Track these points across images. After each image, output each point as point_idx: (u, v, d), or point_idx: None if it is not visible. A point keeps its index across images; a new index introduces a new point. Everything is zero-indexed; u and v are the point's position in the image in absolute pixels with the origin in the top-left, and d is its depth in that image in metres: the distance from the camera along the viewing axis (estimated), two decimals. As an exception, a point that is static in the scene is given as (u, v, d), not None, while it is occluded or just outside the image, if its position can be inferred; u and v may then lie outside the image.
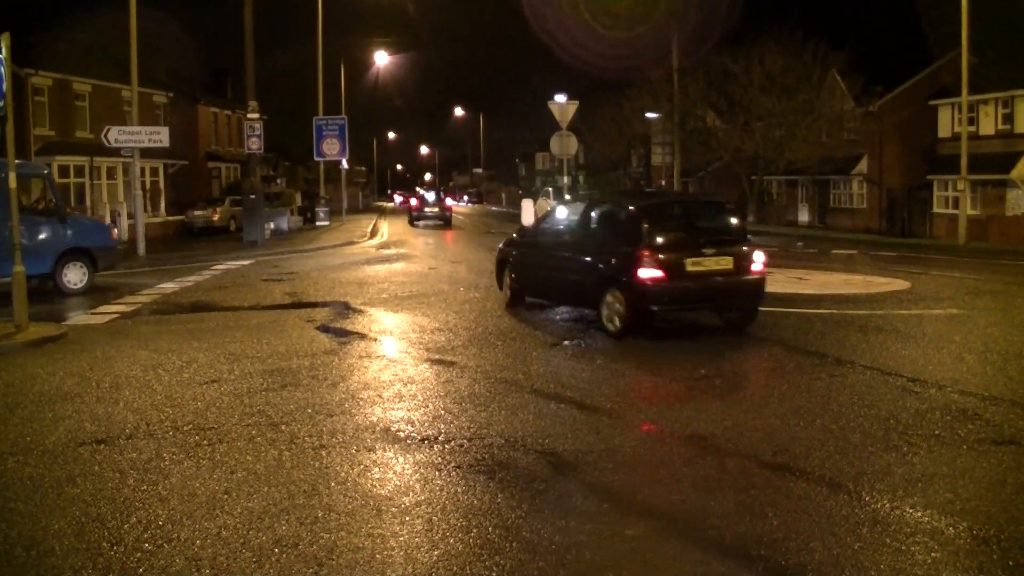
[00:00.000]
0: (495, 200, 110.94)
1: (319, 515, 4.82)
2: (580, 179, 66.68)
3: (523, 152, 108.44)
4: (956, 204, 33.33)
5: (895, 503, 4.93)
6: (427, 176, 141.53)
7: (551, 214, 13.56)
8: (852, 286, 15.86)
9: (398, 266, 20.48)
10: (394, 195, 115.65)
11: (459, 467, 5.62)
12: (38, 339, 10.40)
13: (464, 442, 6.15)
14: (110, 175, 34.24)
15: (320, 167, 46.37)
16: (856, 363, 8.79)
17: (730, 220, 11.42)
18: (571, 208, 12.78)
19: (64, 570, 4.19)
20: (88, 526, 4.70)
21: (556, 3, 50.60)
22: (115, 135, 23.58)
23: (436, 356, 9.37)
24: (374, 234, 34.94)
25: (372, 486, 5.32)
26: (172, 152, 33.05)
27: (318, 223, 41.01)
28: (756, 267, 10.62)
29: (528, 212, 25.99)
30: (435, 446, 6.08)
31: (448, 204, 46.08)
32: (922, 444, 6.06)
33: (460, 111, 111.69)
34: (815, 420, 6.70)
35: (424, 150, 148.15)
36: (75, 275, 15.50)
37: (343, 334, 10.86)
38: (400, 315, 12.42)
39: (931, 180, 37.63)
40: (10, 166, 10.92)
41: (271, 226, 31.96)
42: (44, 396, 7.72)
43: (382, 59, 59.14)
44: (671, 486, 5.33)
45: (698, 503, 5.02)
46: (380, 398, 7.54)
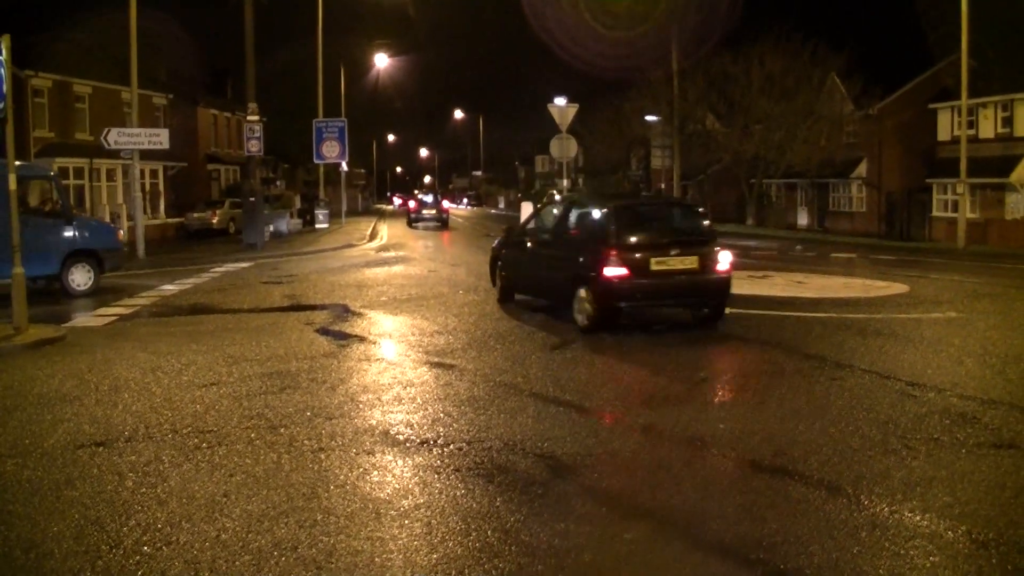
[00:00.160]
0: (492, 203, 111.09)
1: (318, 518, 4.82)
2: (580, 182, 66.71)
3: (522, 155, 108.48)
4: (955, 207, 33.34)
5: (894, 507, 4.93)
6: (427, 179, 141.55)
7: (537, 214, 14.03)
8: (851, 290, 15.87)
9: (397, 269, 20.49)
10: (393, 198, 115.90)
11: (458, 470, 5.62)
12: (37, 341, 10.41)
13: (463, 445, 6.15)
14: (110, 177, 34.25)
15: (320, 169, 46.38)
16: (855, 367, 8.80)
17: (698, 222, 11.95)
18: (556, 209, 13.29)
19: (63, 573, 4.19)
20: (87, 529, 4.70)
21: (556, 2, 50.59)
22: (115, 137, 23.58)
23: (435, 359, 9.37)
24: (373, 237, 34.95)
25: (371, 489, 5.32)
26: (171, 154, 33.05)
27: (317, 225, 41.03)
28: (722, 267, 11.07)
29: (528, 215, 26.00)
30: (434, 449, 6.08)
31: (445, 207, 47.76)
32: (921, 448, 6.06)
33: (460, 113, 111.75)
34: (814, 423, 6.70)
35: (424, 152, 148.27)
36: (81, 276, 15.55)
37: (342, 337, 10.86)
38: (399, 318, 12.43)
39: (930, 183, 37.65)
40: (10, 167, 10.91)
41: (270, 228, 31.97)
42: (43, 398, 7.72)
43: (382, 61, 59.15)
44: (670, 489, 5.34)
45: (697, 506, 5.03)
46: (379, 401, 7.54)
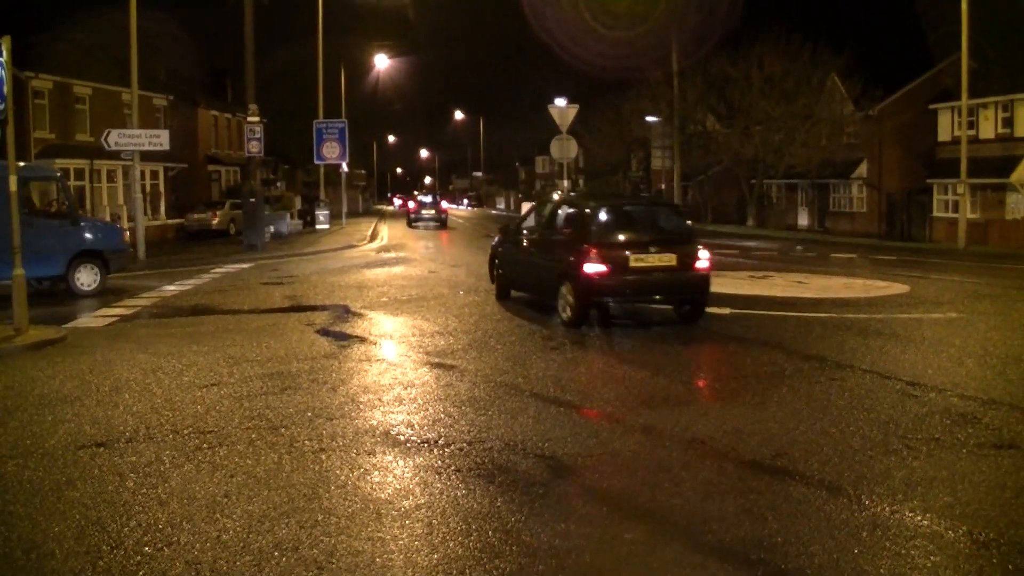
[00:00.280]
0: (493, 204, 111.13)
1: (319, 519, 4.82)
2: (580, 183, 66.74)
3: (523, 156, 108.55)
4: (956, 208, 33.34)
5: (895, 507, 4.94)
6: (427, 179, 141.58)
7: (530, 214, 14.43)
8: (852, 290, 15.88)
9: (398, 270, 20.49)
10: (393, 199, 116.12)
11: (459, 471, 5.62)
12: (38, 342, 10.41)
13: (464, 446, 6.15)
14: (110, 178, 34.26)
15: (320, 170, 46.42)
16: (856, 367, 8.80)
17: (677, 222, 12.52)
18: (547, 209, 13.81)
19: (64, 573, 4.19)
20: (88, 529, 4.70)
21: (556, 3, 50.62)
22: (115, 138, 23.57)
23: (436, 360, 9.37)
24: (374, 238, 34.95)
25: (372, 490, 5.32)
26: (172, 155, 33.05)
27: (318, 226, 41.05)
28: (700, 264, 11.48)
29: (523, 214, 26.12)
30: (435, 450, 6.08)
31: (443, 207, 49.31)
32: (922, 448, 6.06)
33: (460, 114, 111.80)
34: (815, 424, 6.70)
35: (424, 153, 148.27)
36: (87, 277, 15.63)
37: (343, 338, 10.86)
38: (400, 318, 12.43)
39: (931, 184, 37.64)
40: (11, 169, 10.91)
41: (271, 229, 31.97)
42: (44, 399, 7.72)
43: (382, 62, 59.24)
44: (670, 490, 5.33)
45: (698, 506, 5.03)
46: (380, 402, 7.54)
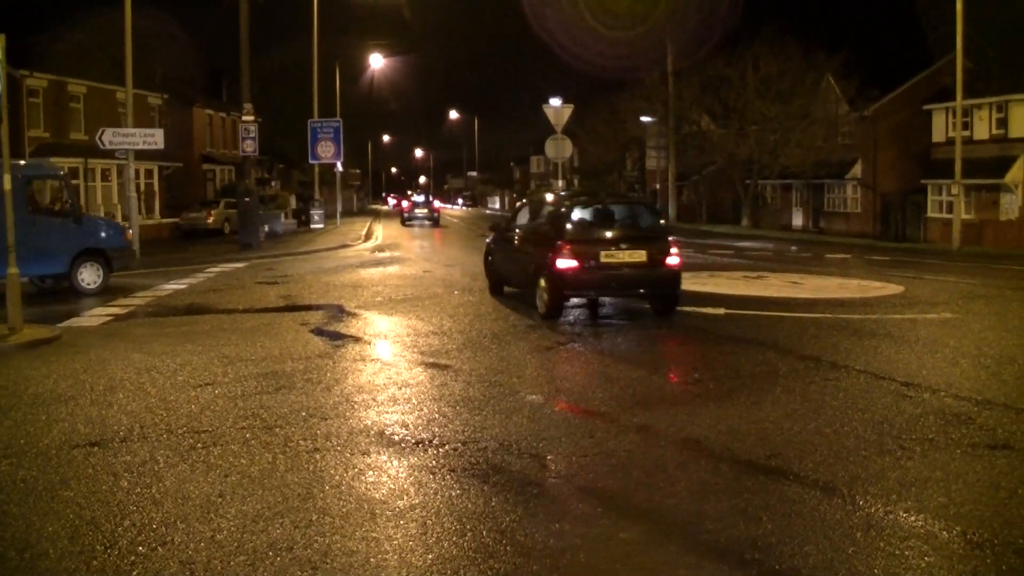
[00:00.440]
0: (486, 204, 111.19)
1: (313, 518, 4.81)
2: (575, 183, 66.76)
3: (518, 155, 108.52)
4: (950, 208, 33.40)
5: (889, 507, 4.94)
6: (422, 179, 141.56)
7: (521, 212, 14.76)
8: (846, 290, 15.90)
9: (392, 269, 20.48)
10: (388, 198, 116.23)
11: (453, 471, 5.61)
12: (32, 341, 10.38)
13: (458, 446, 6.15)
14: (104, 177, 34.20)
15: (315, 170, 46.36)
16: (850, 367, 8.81)
17: (650, 219, 12.92)
18: (532, 207, 14.30)
19: (58, 573, 4.18)
20: (82, 529, 4.69)
21: (556, 2, 50.62)
22: (109, 137, 23.53)
23: (430, 359, 9.37)
24: (368, 237, 34.93)
25: (366, 490, 5.31)
26: (167, 154, 33.02)
27: (312, 226, 41.04)
28: (671, 260, 11.91)
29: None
30: (429, 450, 6.08)
31: (436, 206, 51.44)
32: (916, 448, 6.07)
33: (455, 114, 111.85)
34: (809, 424, 6.71)
35: (419, 153, 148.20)
36: (90, 275, 15.73)
37: (337, 337, 10.85)
38: (394, 318, 12.42)
39: (925, 184, 37.74)
40: (5, 168, 10.91)
41: (266, 229, 31.93)
42: (38, 398, 7.70)
43: (377, 62, 59.21)
44: (665, 490, 5.34)
45: (692, 507, 5.03)
46: (374, 401, 7.53)
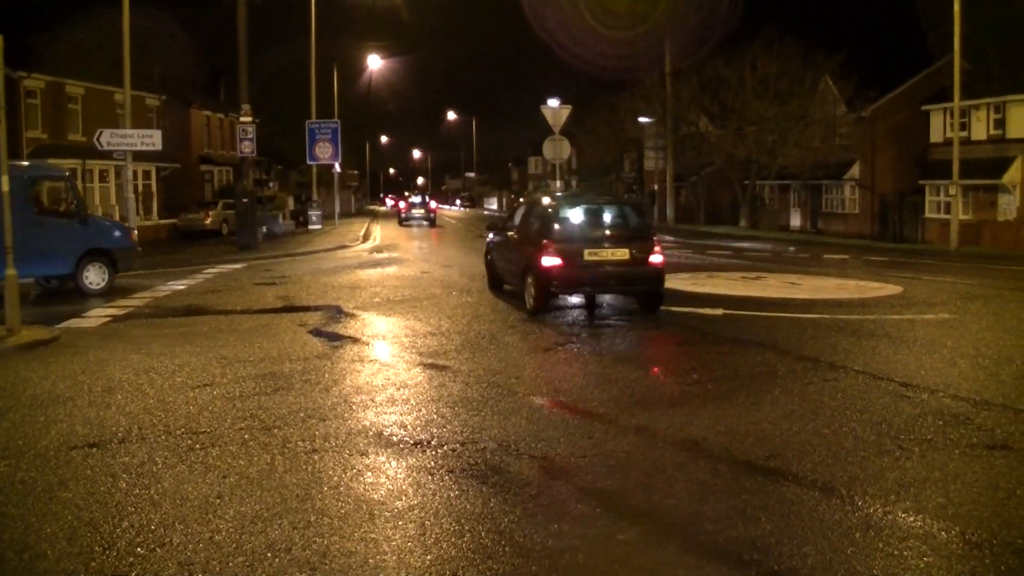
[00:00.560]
0: (482, 205, 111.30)
1: (312, 519, 4.81)
2: (573, 183, 66.80)
3: (516, 156, 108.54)
4: (948, 209, 33.43)
5: (888, 508, 4.95)
6: (420, 180, 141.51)
7: (515, 213, 15.12)
8: (845, 291, 15.91)
9: (391, 270, 20.47)
10: (386, 199, 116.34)
11: (452, 471, 5.61)
12: (30, 342, 10.37)
13: (457, 446, 6.15)
14: (102, 178, 34.15)
15: (313, 171, 46.37)
16: (849, 367, 8.82)
17: (634, 219, 13.30)
18: (524, 208, 14.72)
19: (56, 574, 4.18)
20: (80, 530, 4.69)
21: (556, 2, 50.65)
22: (107, 138, 23.47)
23: (429, 360, 9.36)
24: (366, 238, 34.92)
25: (365, 490, 5.31)
26: (164, 155, 32.97)
27: (310, 227, 41.03)
28: (653, 259, 12.31)
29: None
30: (428, 450, 6.08)
31: (432, 207, 52.47)
32: (914, 449, 6.07)
33: (453, 115, 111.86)
34: (808, 424, 6.71)
35: (417, 154, 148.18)
36: (96, 276, 15.84)
37: (336, 338, 10.85)
38: (393, 319, 12.42)
39: (923, 185, 37.76)
40: (3, 169, 10.91)
41: (263, 230, 31.92)
42: (36, 400, 7.69)
43: (375, 63, 59.25)
44: (664, 490, 5.34)
45: (691, 507, 5.03)
46: (373, 402, 7.53)
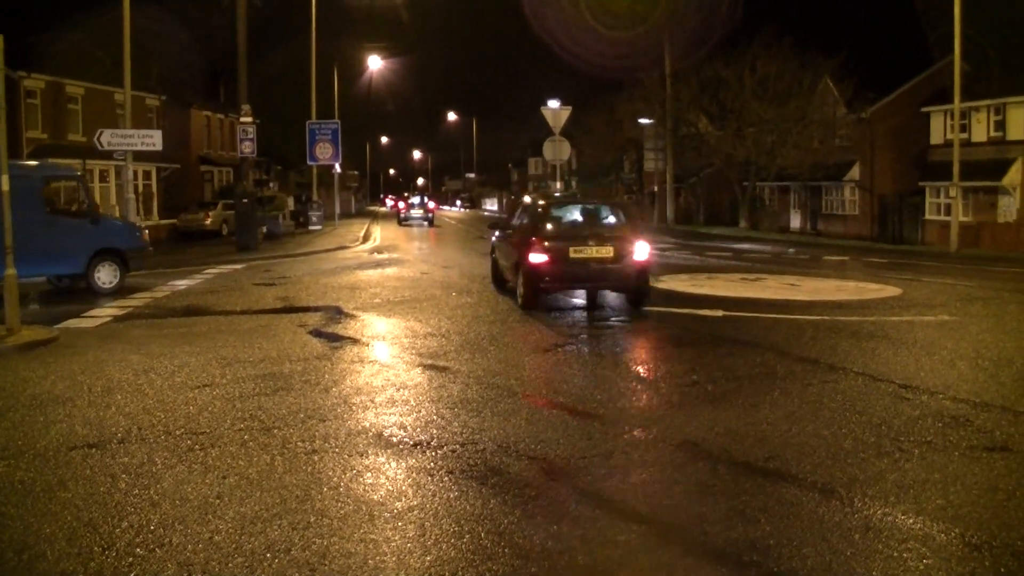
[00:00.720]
0: (482, 206, 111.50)
1: (311, 520, 4.81)
2: (573, 184, 66.79)
3: (516, 157, 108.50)
4: (948, 211, 33.46)
5: (887, 509, 4.95)
6: (420, 181, 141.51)
7: (515, 213, 15.59)
8: (844, 292, 15.91)
9: (390, 271, 20.47)
10: (386, 199, 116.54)
11: (451, 472, 5.61)
12: (29, 342, 10.36)
13: (456, 447, 6.15)
14: (102, 178, 34.12)
15: (313, 171, 46.38)
16: (848, 369, 8.82)
17: (620, 219, 13.81)
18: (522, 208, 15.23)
19: (56, 574, 4.18)
20: (79, 531, 4.69)
21: (556, 2, 50.68)
22: (107, 138, 23.47)
23: (428, 361, 9.36)
24: (367, 239, 34.92)
25: (364, 491, 5.31)
26: (165, 156, 32.94)
27: (311, 227, 41.03)
28: (638, 256, 12.77)
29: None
30: (427, 451, 6.08)
31: (430, 207, 54.36)
32: (914, 450, 6.08)
33: (453, 116, 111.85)
34: (807, 426, 6.71)
35: (417, 155, 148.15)
36: (107, 275, 16.04)
37: (335, 339, 10.85)
38: (392, 320, 12.41)
39: (923, 187, 37.77)
40: (3, 168, 10.91)
41: (263, 230, 31.91)
42: (35, 400, 7.69)
43: (375, 64, 59.23)
44: (663, 491, 5.34)
45: (690, 509, 5.03)
46: (372, 403, 7.53)
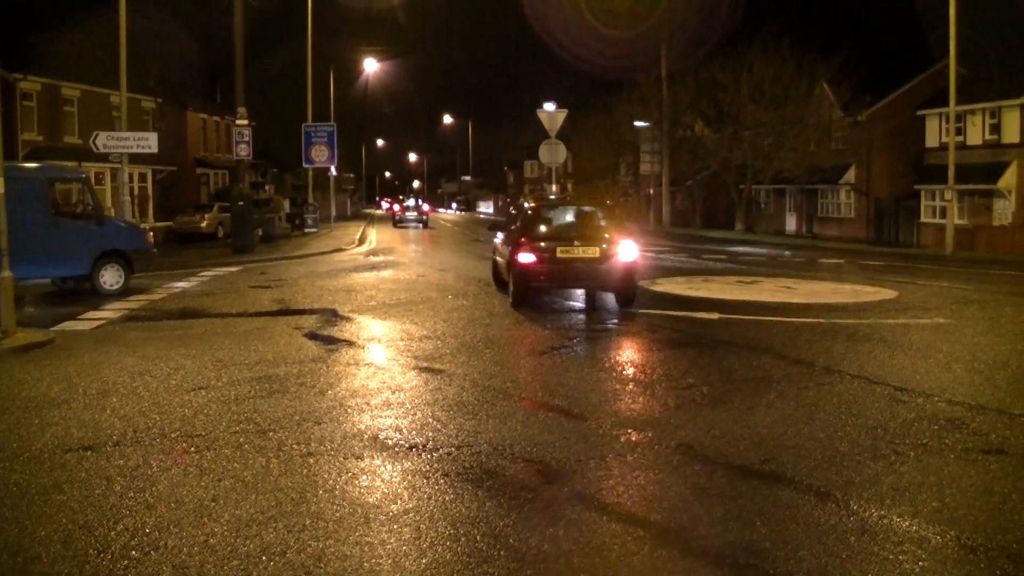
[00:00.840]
0: (476, 209, 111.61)
1: (307, 523, 4.80)
2: (569, 187, 66.81)
3: (512, 160, 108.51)
4: (944, 214, 33.53)
5: (883, 512, 4.95)
6: (415, 183, 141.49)
7: (513, 215, 15.94)
8: (840, 295, 15.92)
9: (386, 273, 20.46)
10: (381, 202, 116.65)
11: (447, 475, 5.61)
12: (25, 345, 10.35)
13: (452, 450, 6.14)
14: (98, 180, 34.01)
15: (309, 174, 46.32)
16: (844, 372, 8.83)
17: (608, 221, 14.24)
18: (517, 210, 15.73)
19: (49, 578, 4.17)
20: (75, 533, 4.67)
21: (556, 2, 50.72)
22: (103, 140, 23.47)
23: (424, 364, 9.36)
24: (362, 241, 34.91)
25: (360, 494, 5.30)
26: (161, 158, 32.91)
27: (306, 230, 40.97)
28: (624, 256, 13.09)
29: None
30: (423, 454, 6.07)
31: (425, 210, 56.62)
32: (910, 453, 6.08)
33: (449, 118, 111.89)
34: (803, 429, 6.72)
35: (413, 157, 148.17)
36: (112, 276, 16.10)
37: (331, 341, 10.84)
38: (388, 322, 12.41)
39: (919, 190, 37.85)
40: (-1, 171, 10.91)
41: (259, 233, 31.89)
42: (31, 402, 7.68)
43: (372, 66, 59.29)
44: (659, 494, 5.34)
45: (686, 511, 5.03)
46: (368, 406, 7.52)
